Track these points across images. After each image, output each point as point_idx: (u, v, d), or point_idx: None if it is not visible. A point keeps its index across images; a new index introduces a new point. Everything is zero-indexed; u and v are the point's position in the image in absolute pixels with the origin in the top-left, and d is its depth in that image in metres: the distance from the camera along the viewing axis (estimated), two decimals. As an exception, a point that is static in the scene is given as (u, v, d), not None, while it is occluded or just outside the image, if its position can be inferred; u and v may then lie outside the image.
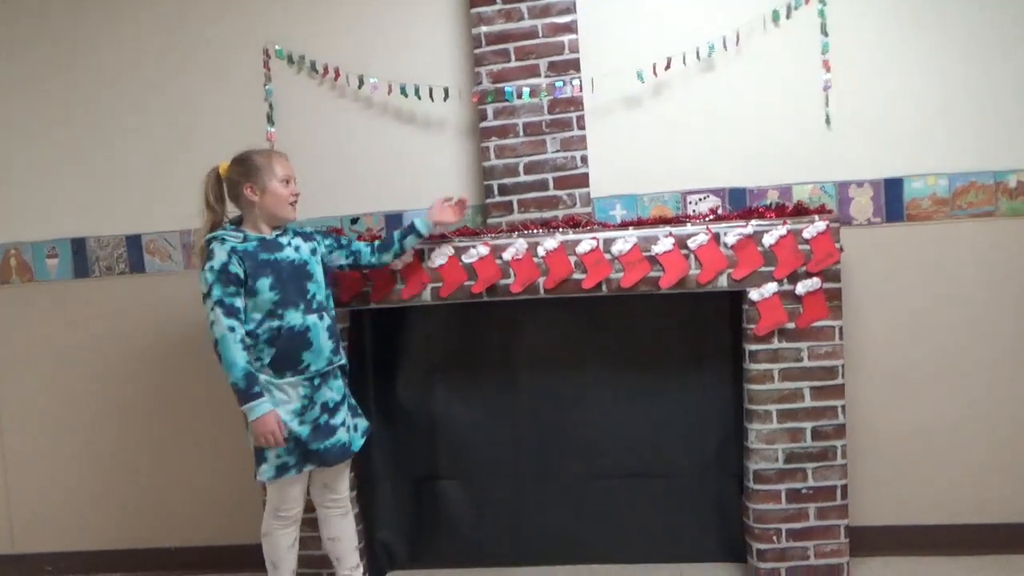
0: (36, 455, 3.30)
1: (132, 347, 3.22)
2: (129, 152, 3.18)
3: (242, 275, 2.34)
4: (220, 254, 2.34)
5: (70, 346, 3.25)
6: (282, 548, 2.51)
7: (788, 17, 2.87)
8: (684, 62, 2.88)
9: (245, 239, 2.40)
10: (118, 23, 3.15)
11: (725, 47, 2.88)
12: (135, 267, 3.21)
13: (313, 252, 2.51)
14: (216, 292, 2.31)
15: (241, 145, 2.50)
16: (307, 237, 2.54)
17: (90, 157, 3.20)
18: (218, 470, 3.20)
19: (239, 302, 2.33)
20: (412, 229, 2.60)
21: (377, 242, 2.64)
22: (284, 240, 2.46)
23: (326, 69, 3.04)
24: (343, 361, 2.54)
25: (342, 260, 2.61)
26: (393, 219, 3.05)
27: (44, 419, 3.29)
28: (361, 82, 3.01)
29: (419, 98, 2.97)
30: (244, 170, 2.42)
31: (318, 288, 2.48)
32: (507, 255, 2.69)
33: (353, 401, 2.60)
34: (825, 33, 2.85)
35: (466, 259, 2.71)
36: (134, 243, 3.19)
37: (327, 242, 2.58)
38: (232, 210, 2.49)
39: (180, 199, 3.15)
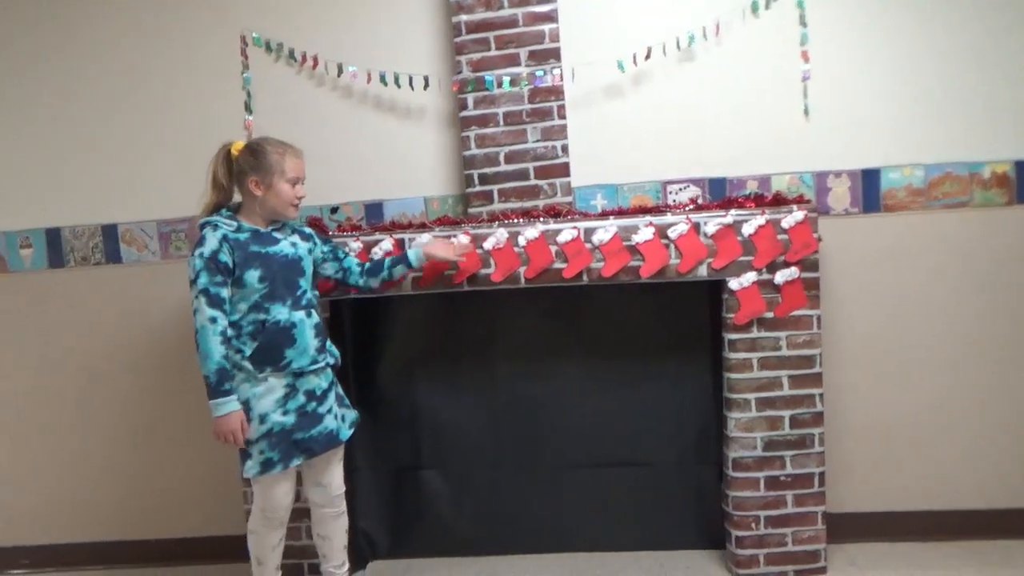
0: (10, 448, 3.26)
1: (108, 338, 3.18)
2: (105, 140, 3.13)
3: (231, 264, 2.30)
4: (211, 241, 2.30)
5: (44, 338, 3.21)
6: (267, 546, 2.48)
7: (767, 8, 2.88)
8: (664, 52, 2.89)
9: (239, 228, 2.35)
10: (93, 11, 3.09)
11: (705, 37, 2.89)
12: (111, 257, 3.16)
13: (309, 252, 2.48)
14: (202, 280, 2.28)
15: (218, 133, 2.47)
16: (305, 236, 2.51)
17: (64, 145, 3.15)
18: (197, 461, 3.17)
19: (225, 292, 2.30)
20: (403, 259, 2.58)
21: (367, 264, 2.63)
22: (279, 235, 2.42)
23: (304, 57, 3.01)
24: (332, 360, 2.49)
25: (331, 272, 2.58)
26: (373, 208, 3.04)
27: (18, 411, 3.24)
28: (340, 70, 2.99)
29: (399, 87, 2.95)
30: (254, 162, 2.36)
31: (308, 285, 2.45)
32: (488, 244, 2.69)
33: (341, 391, 2.57)
34: (804, 24, 2.86)
35: (446, 249, 2.70)
36: (110, 233, 3.15)
37: (324, 248, 2.56)
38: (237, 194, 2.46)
39: (157, 188, 3.12)
